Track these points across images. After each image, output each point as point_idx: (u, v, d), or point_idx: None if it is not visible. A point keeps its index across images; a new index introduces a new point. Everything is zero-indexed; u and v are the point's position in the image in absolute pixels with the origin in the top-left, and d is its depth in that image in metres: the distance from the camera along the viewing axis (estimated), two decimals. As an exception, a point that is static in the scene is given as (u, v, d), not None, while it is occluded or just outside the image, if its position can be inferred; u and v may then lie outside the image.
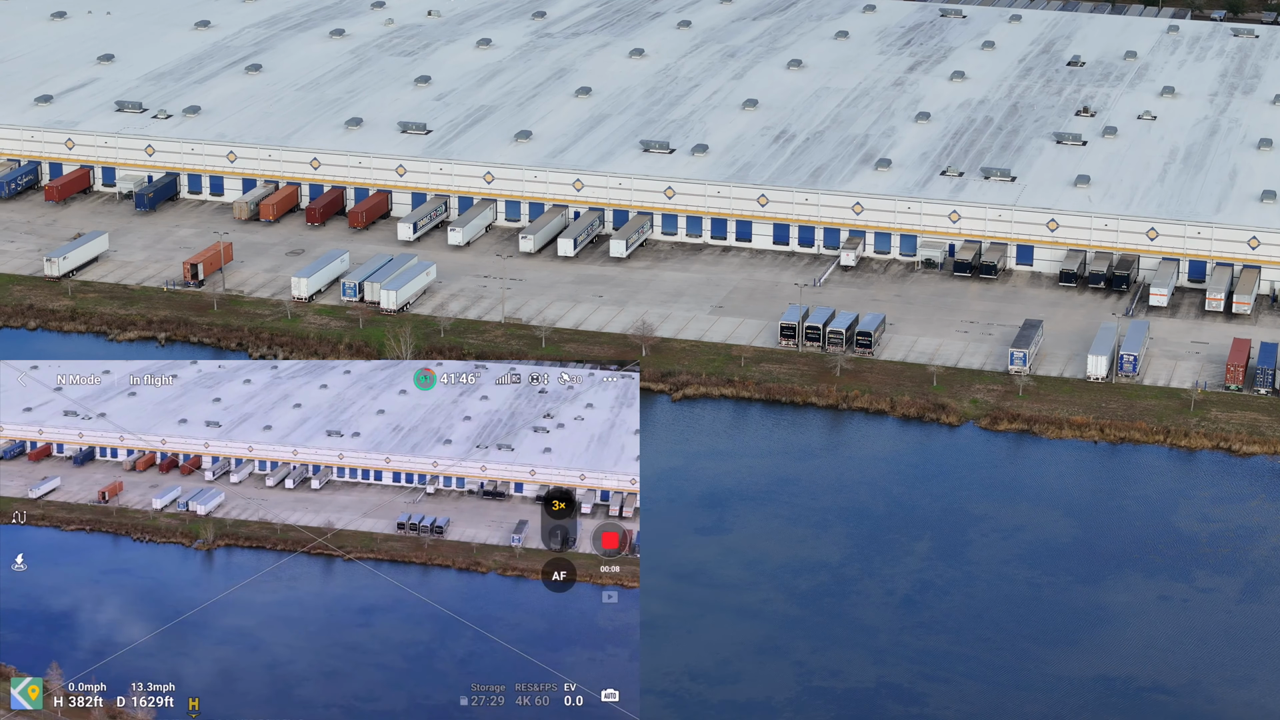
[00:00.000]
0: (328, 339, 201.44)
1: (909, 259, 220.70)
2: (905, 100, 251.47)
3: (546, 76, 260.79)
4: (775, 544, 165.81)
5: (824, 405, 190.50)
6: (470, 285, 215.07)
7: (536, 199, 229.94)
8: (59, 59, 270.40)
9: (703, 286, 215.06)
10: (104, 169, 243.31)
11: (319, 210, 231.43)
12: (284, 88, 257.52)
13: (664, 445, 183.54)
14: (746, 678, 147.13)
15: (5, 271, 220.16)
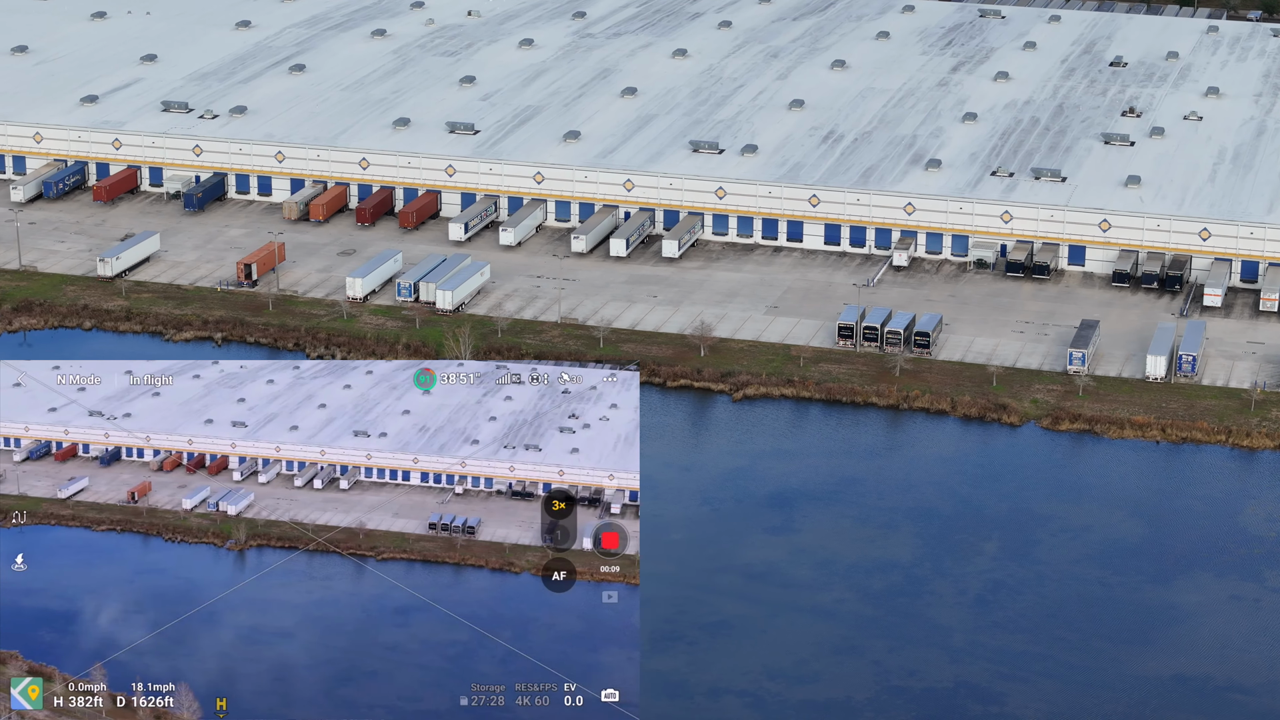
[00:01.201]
0: (385, 339, 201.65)
1: (960, 259, 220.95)
2: (951, 101, 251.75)
3: (591, 77, 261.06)
4: (845, 544, 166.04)
5: (884, 405, 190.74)
6: (524, 285, 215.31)
7: (587, 199, 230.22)
8: (101, 59, 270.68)
9: (756, 287, 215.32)
10: (151, 169, 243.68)
11: (369, 210, 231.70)
12: (329, 88, 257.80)
13: (727, 445, 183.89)
14: (825, 677, 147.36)
15: (57, 271, 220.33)
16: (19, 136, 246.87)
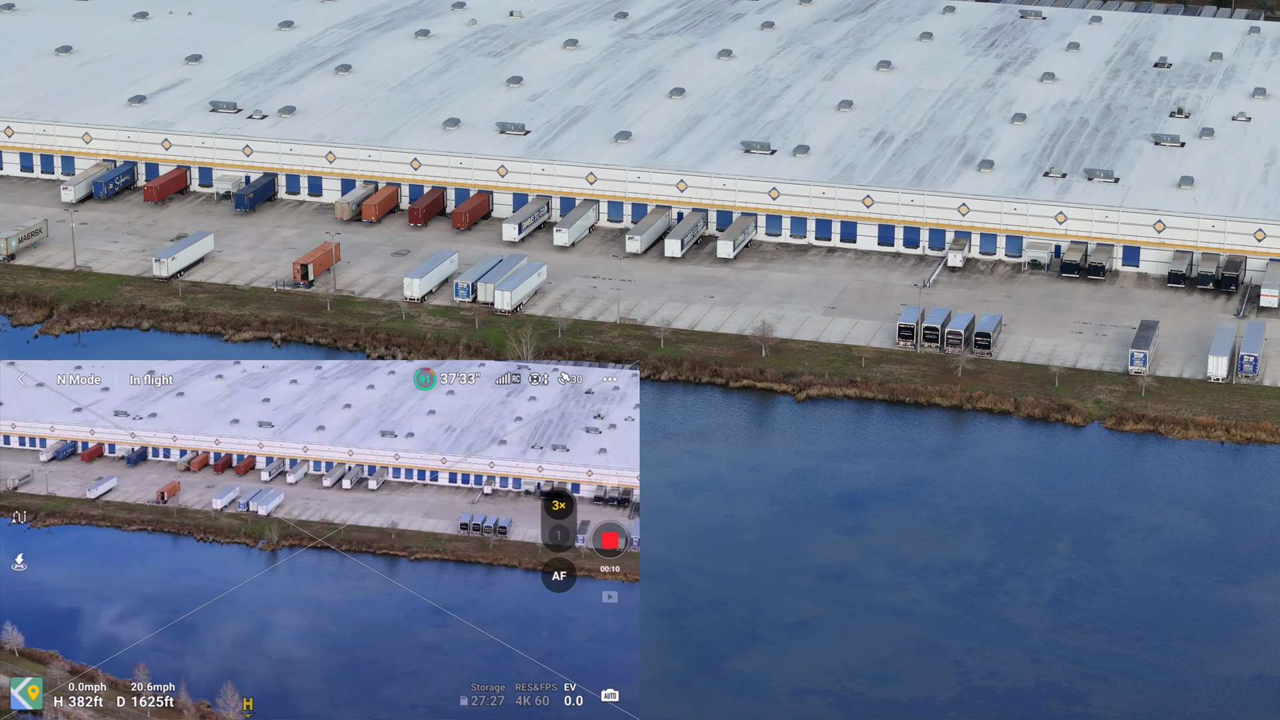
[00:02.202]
0: (445, 339, 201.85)
1: (1014, 260, 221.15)
2: (998, 101, 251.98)
3: (638, 77, 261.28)
4: (917, 544, 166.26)
5: (947, 406, 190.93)
6: (580, 286, 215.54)
7: (639, 200, 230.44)
8: (146, 59, 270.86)
9: (812, 287, 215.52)
10: (200, 169, 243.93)
11: (421, 211, 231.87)
12: (376, 88, 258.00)
13: (793, 446, 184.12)
14: (906, 678, 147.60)
15: (112, 272, 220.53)
16: (68, 137, 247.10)
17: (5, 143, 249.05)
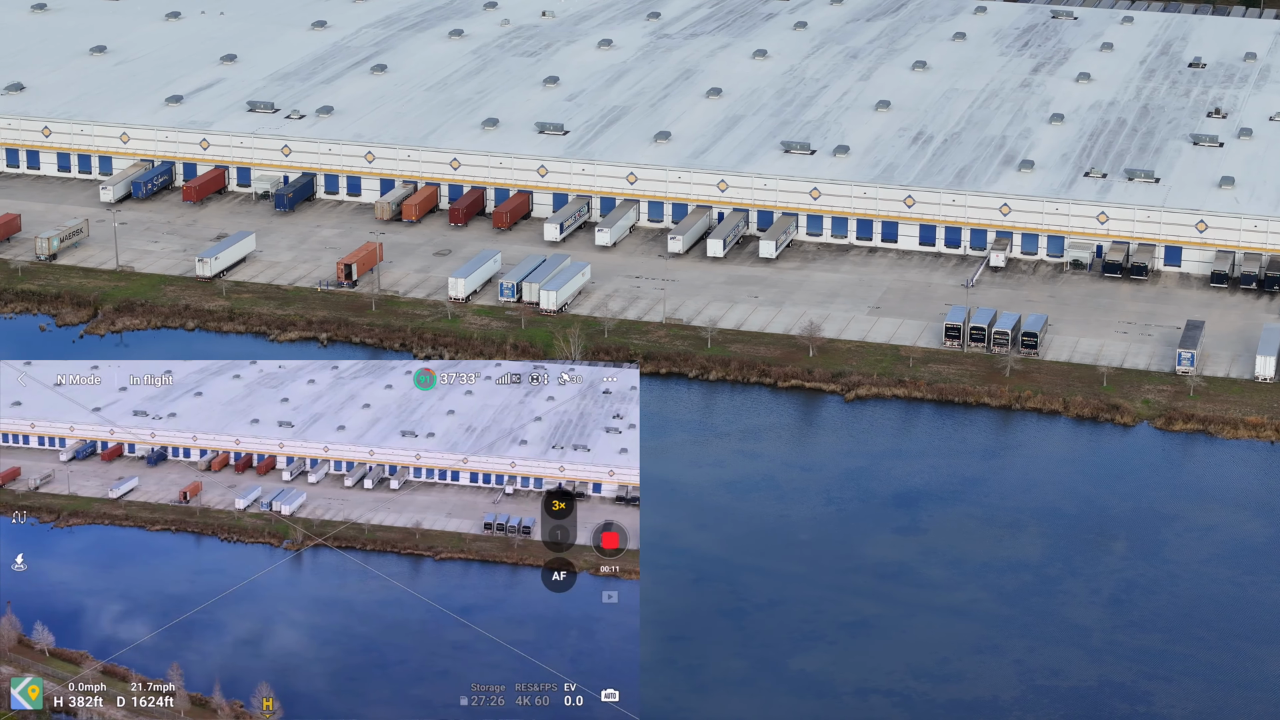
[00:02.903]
0: (491, 339, 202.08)
1: (1056, 260, 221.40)
2: (1035, 102, 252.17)
3: (674, 77, 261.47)
4: (973, 543, 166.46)
5: (996, 406, 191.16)
6: (624, 286, 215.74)
7: (680, 200, 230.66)
8: (181, 59, 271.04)
9: (856, 287, 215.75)
10: (239, 169, 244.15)
11: (462, 210, 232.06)
12: (412, 88, 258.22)
13: (844, 445, 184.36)
14: (969, 677, 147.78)
15: (154, 271, 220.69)
16: (105, 137, 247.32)
17: (43, 143, 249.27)
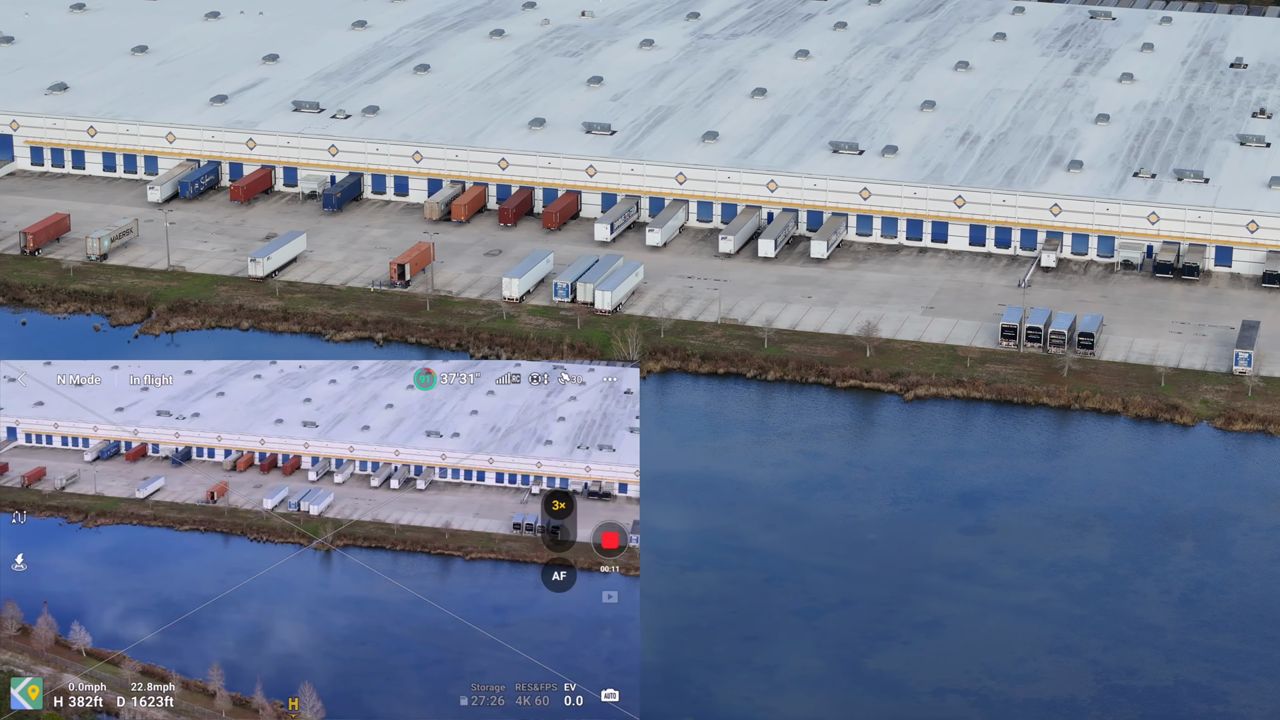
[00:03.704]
0: (548, 339, 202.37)
1: (1106, 260, 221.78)
2: (1080, 102, 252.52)
3: (717, 77, 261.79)
4: (1040, 543, 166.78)
5: (1055, 406, 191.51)
6: (677, 286, 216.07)
7: (729, 200, 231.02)
8: (223, 59, 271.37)
9: (908, 287, 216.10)
10: (285, 169, 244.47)
11: (511, 210, 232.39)
12: (456, 88, 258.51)
13: (906, 445, 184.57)
14: (1045, 677, 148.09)
15: (206, 271, 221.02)
16: (151, 137, 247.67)
17: (88, 142, 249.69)
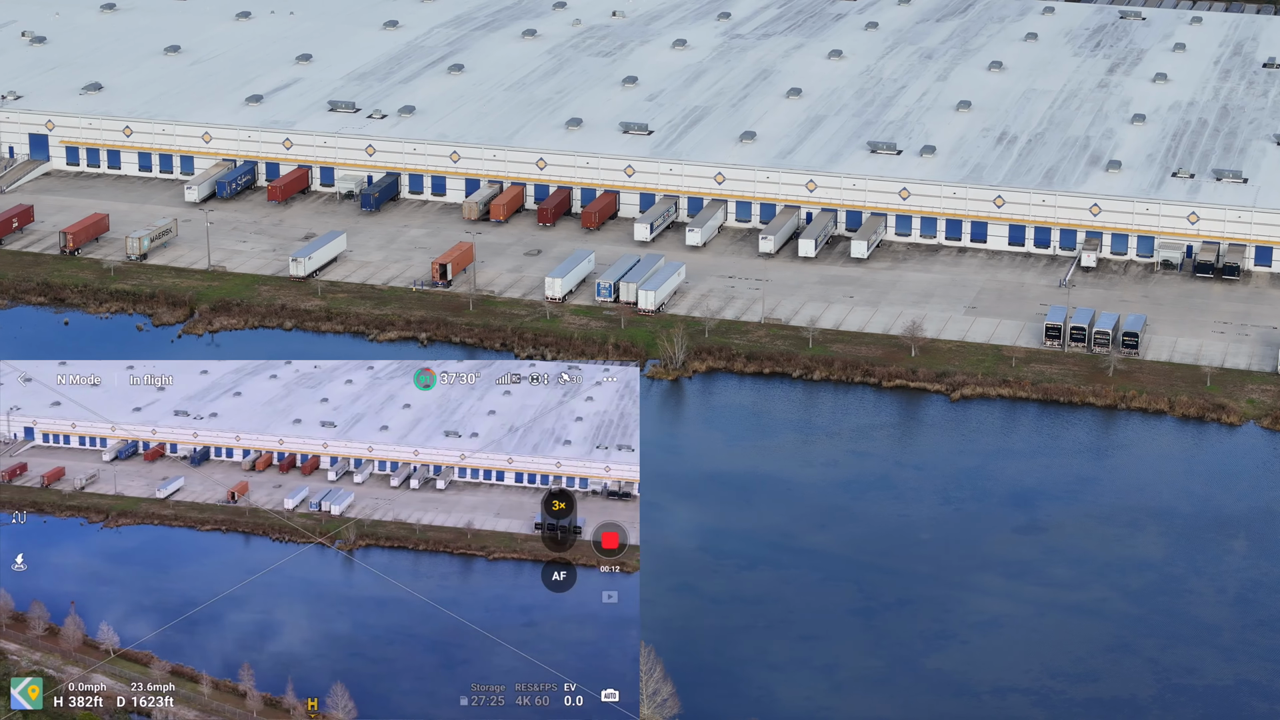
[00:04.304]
0: (592, 339, 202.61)
1: (1146, 260, 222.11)
2: (1114, 102, 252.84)
3: (751, 77, 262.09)
4: (1094, 542, 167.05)
5: (1101, 406, 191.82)
6: (718, 285, 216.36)
7: (768, 200, 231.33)
8: (256, 59, 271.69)
9: (949, 287, 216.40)
10: (322, 169, 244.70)
11: (550, 210, 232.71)
12: (491, 88, 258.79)
13: (954, 445, 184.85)
14: (1105, 676, 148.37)
15: (246, 271, 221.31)
16: (187, 136, 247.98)
17: (124, 142, 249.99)
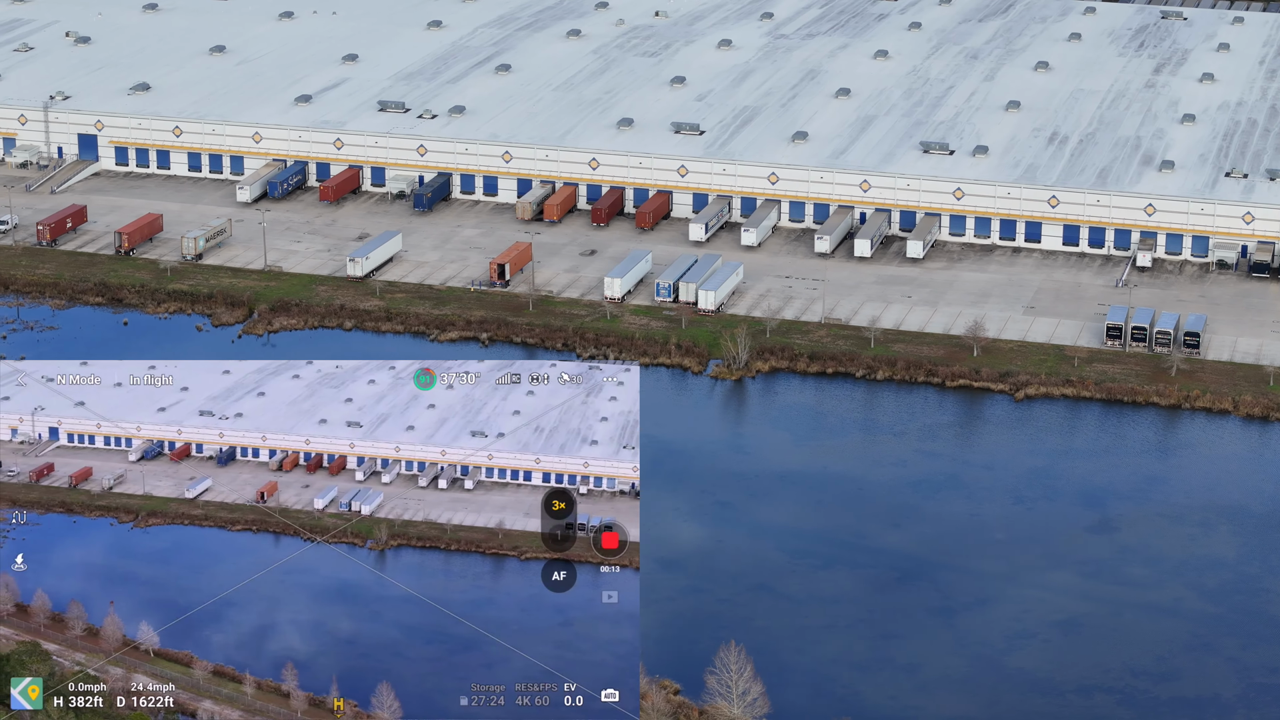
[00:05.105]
0: (655, 339, 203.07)
1: (1200, 260, 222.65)
2: (1163, 102, 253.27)
3: (799, 77, 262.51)
4: (1167, 542, 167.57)
5: (1165, 405, 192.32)
6: (776, 285, 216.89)
7: (821, 200, 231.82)
8: (302, 59, 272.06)
9: (1006, 287, 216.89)
10: (373, 169, 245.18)
11: (604, 210, 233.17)
12: (539, 88, 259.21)
13: (1021, 445, 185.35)
14: (1187, 675, 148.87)
15: (303, 271, 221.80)
16: (238, 137, 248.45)
17: (174, 142, 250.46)
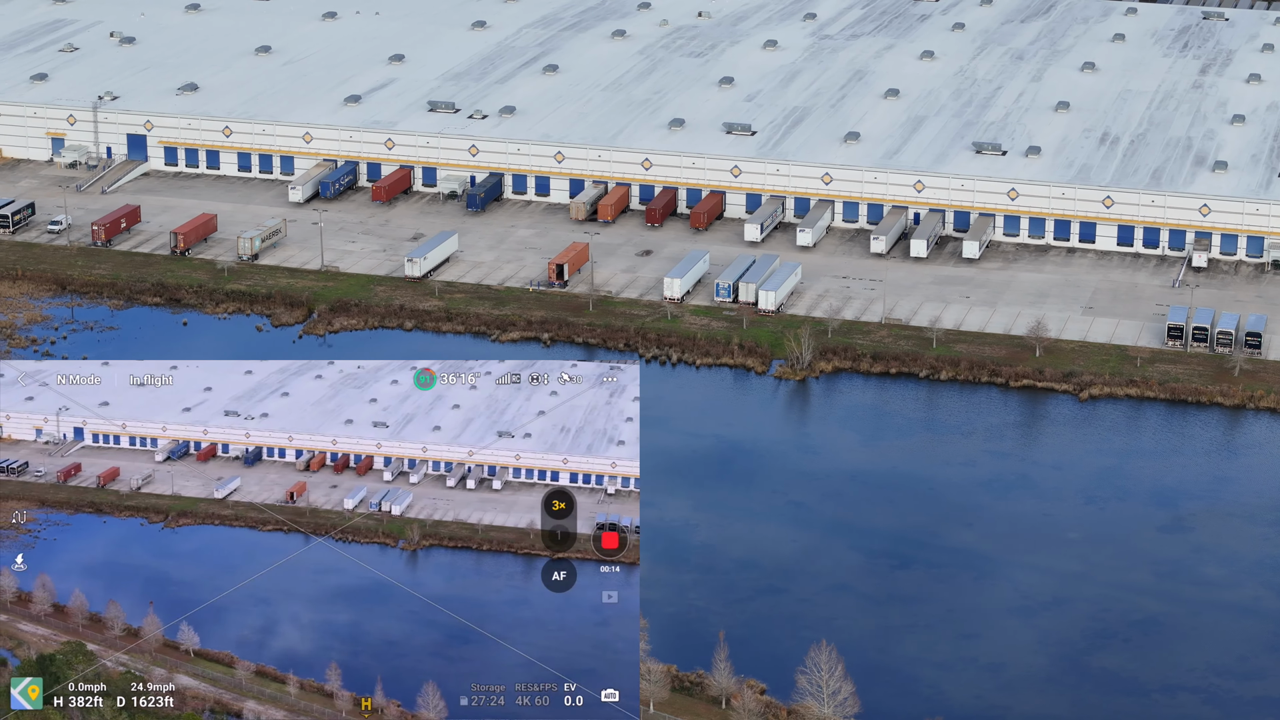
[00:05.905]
0: (717, 340, 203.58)
1: (1255, 260, 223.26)
2: (1211, 103, 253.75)
3: (846, 78, 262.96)
4: (1241, 541, 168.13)
5: (1229, 405, 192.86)
6: (833, 286, 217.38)
7: (875, 200, 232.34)
8: (348, 59, 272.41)
9: (1063, 288, 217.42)
10: (424, 169, 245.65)
11: (658, 211, 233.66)
12: (588, 88, 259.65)
13: (1089, 445, 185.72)
14: (1271, 674, 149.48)
15: (360, 271, 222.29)
16: (287, 137, 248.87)
17: (223, 142, 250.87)
